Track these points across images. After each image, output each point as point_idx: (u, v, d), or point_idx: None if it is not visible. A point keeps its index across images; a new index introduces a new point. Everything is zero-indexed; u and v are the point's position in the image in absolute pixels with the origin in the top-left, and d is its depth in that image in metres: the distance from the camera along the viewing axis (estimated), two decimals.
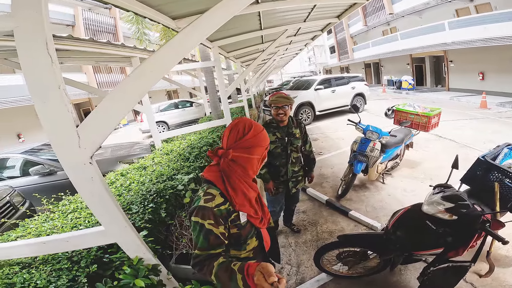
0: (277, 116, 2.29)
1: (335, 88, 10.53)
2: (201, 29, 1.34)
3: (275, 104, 2.26)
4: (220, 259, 0.94)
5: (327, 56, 35.35)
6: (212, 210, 0.97)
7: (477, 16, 11.86)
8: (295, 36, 6.35)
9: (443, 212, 1.60)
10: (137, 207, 2.12)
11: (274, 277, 0.78)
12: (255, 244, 1.13)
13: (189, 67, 4.88)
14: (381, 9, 19.51)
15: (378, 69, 23.88)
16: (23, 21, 1.06)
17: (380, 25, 21.10)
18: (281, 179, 2.50)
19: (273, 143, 2.34)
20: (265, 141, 1.08)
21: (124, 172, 3.15)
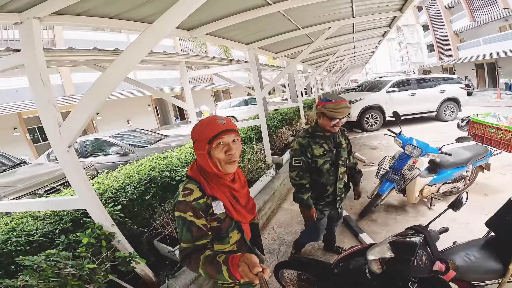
0: (332, 127, 1.85)
1: (416, 91, 8.99)
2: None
3: (335, 116, 1.78)
4: (206, 252, 0.97)
5: (423, 55, 30.64)
6: (190, 203, 1.00)
7: None
8: (355, 33, 5.80)
9: (377, 261, 1.27)
10: (129, 188, 2.47)
11: (258, 267, 0.80)
12: (238, 237, 1.15)
13: (230, 68, 5.14)
14: (493, 3, 16.73)
15: (494, 70, 19.11)
16: (27, 59, 1.57)
17: (494, 21, 17.79)
18: (326, 200, 2.08)
19: (320, 157, 1.94)
20: (203, 134, 1.03)
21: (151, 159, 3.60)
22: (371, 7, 3.99)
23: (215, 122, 1.03)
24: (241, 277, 0.83)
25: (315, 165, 1.95)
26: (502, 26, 18.06)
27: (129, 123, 16.44)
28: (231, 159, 1.03)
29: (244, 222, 1.16)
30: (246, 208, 1.17)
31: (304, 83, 8.97)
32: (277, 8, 2.88)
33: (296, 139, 2.00)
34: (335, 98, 1.82)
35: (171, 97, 4.90)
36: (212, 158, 1.03)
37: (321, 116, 1.88)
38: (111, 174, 3.13)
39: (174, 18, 1.54)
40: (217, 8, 2.58)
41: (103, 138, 6.42)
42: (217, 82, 21.32)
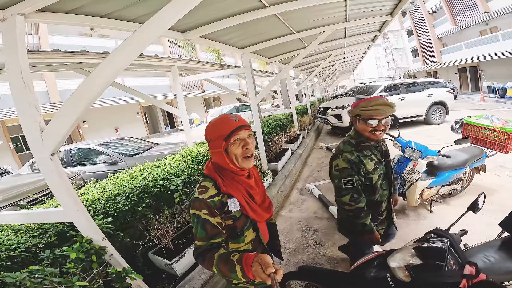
0: (373, 134, 1.52)
1: (405, 95, 9.15)
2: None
3: (370, 115, 1.48)
4: (221, 250, 0.97)
5: (408, 60, 31.54)
6: (205, 201, 1.01)
7: None
8: (346, 38, 5.84)
9: (403, 268, 1.17)
10: (120, 199, 2.32)
11: (271, 268, 0.80)
12: (253, 236, 1.14)
13: (224, 73, 5.05)
14: (474, 7, 16.99)
15: (476, 74, 19.82)
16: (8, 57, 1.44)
17: (475, 25, 18.26)
18: (380, 218, 1.76)
19: (374, 172, 1.61)
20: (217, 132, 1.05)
21: (142, 168, 3.44)
22: (363, 12, 4.01)
23: (228, 120, 1.06)
24: (254, 277, 0.83)
25: (370, 183, 1.61)
26: (482, 30, 18.48)
27: (118, 132, 16.05)
28: (248, 153, 1.06)
29: (260, 221, 1.16)
30: (262, 206, 1.18)
31: (296, 89, 8.97)
32: (273, 11, 2.83)
33: (339, 155, 1.61)
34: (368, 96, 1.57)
35: (164, 104, 4.77)
36: (229, 155, 1.05)
37: (357, 121, 1.56)
38: (100, 184, 2.96)
39: (167, 18, 1.44)
40: (213, 10, 2.50)
41: (90, 146, 6.19)
42: (207, 90, 21.22)
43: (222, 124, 1.06)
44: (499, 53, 14.78)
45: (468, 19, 18.14)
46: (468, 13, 17.95)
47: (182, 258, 2.20)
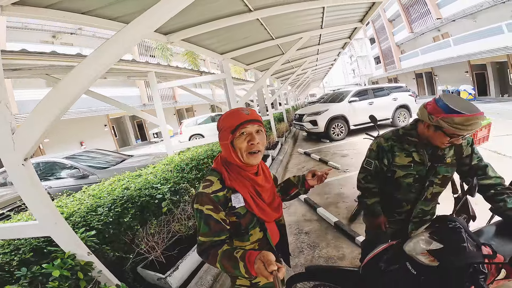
0: (442, 143, 1.32)
1: (373, 100, 9.71)
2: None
3: (458, 133, 1.22)
4: (224, 246, 0.95)
5: (372, 67, 33.64)
6: (209, 195, 0.98)
7: None
8: (320, 45, 6.08)
9: (426, 254, 1.19)
10: (102, 210, 2.14)
11: (273, 266, 0.78)
12: (260, 236, 1.10)
13: (203, 80, 4.98)
14: (427, 14, 18.14)
15: (432, 79, 21.68)
16: None
17: (429, 31, 19.56)
18: (396, 217, 1.64)
19: (403, 168, 1.47)
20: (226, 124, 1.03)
21: (122, 178, 3.24)
22: (337, 18, 4.21)
23: (238, 112, 1.03)
24: (256, 274, 0.82)
25: (391, 175, 1.52)
26: (435, 36, 19.55)
27: (83, 146, 14.99)
28: (253, 149, 1.02)
29: (268, 220, 1.11)
30: (271, 206, 1.13)
31: (271, 97, 9.09)
32: (257, 16, 2.86)
33: (377, 138, 1.58)
34: (470, 110, 1.18)
35: (144, 113, 4.55)
36: (234, 148, 1.02)
37: (431, 128, 1.32)
38: (74, 196, 2.71)
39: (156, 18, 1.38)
40: (199, 12, 2.46)
41: (55, 160, 5.72)
42: (180, 100, 20.69)
43: (232, 116, 1.03)
44: (451, 58, 15.97)
45: (423, 26, 19.35)
46: (423, 20, 19.16)
47: (176, 271, 2.06)
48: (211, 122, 13.71)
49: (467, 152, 1.46)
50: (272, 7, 2.80)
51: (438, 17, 16.96)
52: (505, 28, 11.66)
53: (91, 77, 1.33)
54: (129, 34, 1.36)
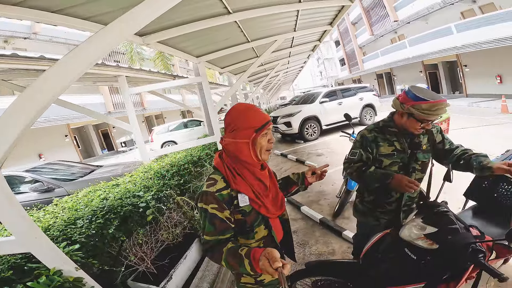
0: (415, 129, 1.49)
1: (342, 100, 10.19)
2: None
3: (427, 118, 1.41)
4: (229, 244, 0.95)
5: (337, 69, 35.21)
6: (213, 194, 0.98)
7: (483, 17, 11.41)
8: (292, 47, 6.23)
9: (423, 238, 1.26)
10: (82, 222, 1.99)
11: (278, 263, 0.79)
12: (264, 234, 1.11)
13: (178, 83, 4.84)
14: (386, 17, 19.22)
15: (391, 79, 23.26)
16: None
17: (387, 33, 20.73)
18: (387, 208, 1.70)
19: (388, 157, 1.58)
20: (248, 122, 1.02)
21: (97, 188, 3.03)
22: (309, 21, 4.35)
23: (260, 112, 1.05)
24: (261, 271, 0.83)
25: (379, 165, 1.61)
26: (393, 38, 20.60)
27: (42, 158, 13.73)
28: (271, 146, 1.07)
29: (272, 216, 1.13)
30: (275, 201, 1.16)
31: (246, 101, 9.11)
32: (235, 18, 2.85)
33: (361, 131, 1.68)
34: (433, 97, 1.39)
35: (116, 120, 4.31)
36: (255, 146, 1.03)
37: (404, 116, 1.50)
38: (46, 210, 2.49)
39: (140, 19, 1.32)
40: (177, 13, 2.38)
41: (14, 173, 5.25)
42: (149, 107, 19.84)
43: (255, 114, 1.04)
44: (407, 59, 17.12)
45: (382, 28, 20.47)
46: (382, 23, 20.26)
47: (170, 281, 1.96)
48: (184, 128, 13.35)
49: (439, 138, 1.66)
50: (250, 10, 2.81)
51: (395, 19, 17.95)
52: (454, 29, 12.74)
53: (64, 82, 1.22)
54: (109, 36, 1.28)
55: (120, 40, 1.38)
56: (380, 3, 19.01)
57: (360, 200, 1.84)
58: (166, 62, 9.65)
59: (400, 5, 17.23)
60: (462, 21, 12.56)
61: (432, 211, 1.36)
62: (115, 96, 16.92)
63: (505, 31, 10.10)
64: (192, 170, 3.67)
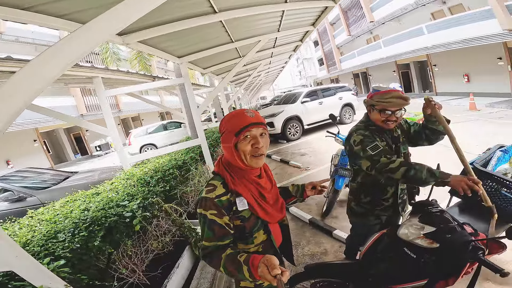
0: (385, 123, 1.58)
1: (322, 100, 10.37)
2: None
3: (387, 107, 1.53)
4: (228, 250, 0.95)
5: (316, 69, 35.86)
6: (212, 200, 0.97)
7: (452, 18, 11.95)
8: (274, 48, 6.22)
9: (422, 237, 1.28)
10: (64, 236, 1.84)
11: (277, 270, 0.79)
12: (264, 238, 1.10)
13: (159, 85, 4.66)
14: (362, 18, 19.69)
15: (367, 78, 24.10)
16: None
17: (364, 34, 21.30)
18: (385, 204, 1.73)
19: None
20: (231, 126, 1.01)
21: (75, 199, 2.83)
22: (293, 22, 4.36)
23: (243, 115, 1.01)
24: (260, 278, 0.83)
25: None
26: (368, 38, 21.09)
27: (10, 165, 12.75)
28: (257, 152, 1.01)
29: (272, 221, 1.11)
30: (275, 207, 1.13)
31: (228, 102, 9.00)
32: (221, 17, 2.77)
33: (353, 133, 1.66)
34: (384, 88, 1.62)
35: (92, 124, 4.05)
36: (238, 151, 1.01)
37: (370, 110, 1.65)
38: (21, 222, 2.28)
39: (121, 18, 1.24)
40: (160, 12, 2.26)
41: None
42: (125, 109, 19.05)
43: (236, 118, 1.02)
44: (382, 59, 17.73)
45: (359, 29, 20.98)
46: (359, 24, 20.74)
47: None
48: (164, 131, 12.98)
49: (407, 127, 1.79)
50: (236, 9, 2.75)
51: (371, 20, 18.45)
52: (425, 29, 13.35)
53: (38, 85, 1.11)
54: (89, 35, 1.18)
55: (101, 40, 1.29)
56: (358, 4, 19.43)
57: (357, 203, 1.83)
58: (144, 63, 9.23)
59: (376, 6, 17.70)
60: (433, 22, 13.15)
61: (427, 210, 1.38)
62: (88, 98, 16.09)
63: (472, 32, 10.73)
64: (177, 175, 3.54)
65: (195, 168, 3.83)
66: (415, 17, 14.74)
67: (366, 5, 18.36)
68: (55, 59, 1.12)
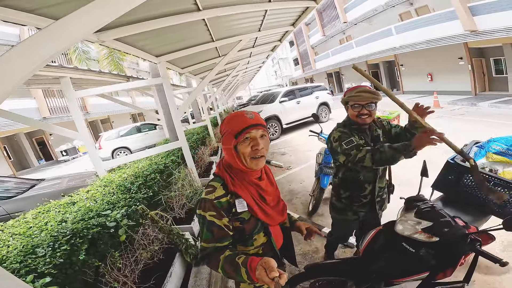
0: (359, 118, 1.66)
1: (300, 99, 10.54)
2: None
3: (356, 101, 1.63)
4: (226, 252, 0.94)
5: (291, 69, 36.42)
6: (212, 202, 0.98)
7: (418, 19, 12.65)
8: (254, 47, 6.19)
9: (421, 232, 1.32)
10: (44, 251, 1.67)
11: (275, 272, 0.79)
12: (264, 240, 1.09)
13: (134, 85, 4.41)
14: (336, 18, 20.25)
15: (339, 77, 24.92)
16: None
17: (337, 34, 21.92)
18: (363, 201, 1.83)
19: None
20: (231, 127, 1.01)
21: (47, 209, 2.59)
22: (274, 21, 4.35)
23: (243, 117, 1.01)
24: (258, 280, 0.83)
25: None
26: (341, 39, 21.81)
27: None
28: (257, 154, 1.01)
29: (272, 224, 1.11)
30: (276, 209, 1.13)
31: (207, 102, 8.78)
32: (204, 15, 2.67)
33: (333, 132, 1.77)
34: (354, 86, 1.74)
35: (60, 128, 3.73)
36: (238, 153, 1.01)
37: (347, 108, 1.75)
38: None
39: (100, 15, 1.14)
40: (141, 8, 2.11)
41: None
42: (93, 111, 17.93)
43: (236, 120, 1.02)
44: (354, 59, 18.48)
45: (333, 29, 21.62)
46: (333, 24, 21.32)
47: None
48: (137, 133, 12.42)
49: (388, 128, 1.85)
50: (221, 7, 2.66)
51: (345, 21, 19.04)
52: (394, 30, 14.08)
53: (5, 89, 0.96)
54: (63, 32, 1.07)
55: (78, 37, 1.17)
56: (332, 4, 19.92)
57: (337, 198, 1.94)
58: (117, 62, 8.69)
59: (349, 7, 18.26)
60: (401, 23, 13.88)
61: (420, 205, 1.43)
62: (51, 99, 14.98)
63: (437, 33, 11.49)
64: (159, 180, 3.37)
65: (178, 172, 3.68)
66: (385, 18, 15.45)
67: (340, 6, 18.88)
68: (22, 58, 0.98)
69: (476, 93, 11.74)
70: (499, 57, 10.74)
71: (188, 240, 2.31)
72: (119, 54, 8.94)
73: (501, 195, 1.28)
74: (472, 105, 9.97)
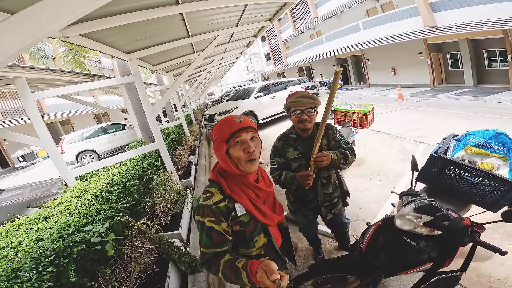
0: (300, 123, 1.67)
1: (275, 94, 10.56)
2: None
3: (296, 107, 1.65)
4: (226, 256, 0.95)
5: (263, 64, 36.45)
6: (210, 207, 0.98)
7: (383, 15, 13.26)
8: (229, 43, 6.03)
9: (422, 226, 1.35)
10: (28, 274, 1.50)
11: (276, 275, 0.79)
12: (265, 241, 1.11)
13: (101, 85, 4.05)
14: (308, 14, 20.52)
15: (310, 72, 25.47)
16: None
17: (308, 30, 22.29)
18: (309, 206, 1.90)
19: (294, 160, 1.76)
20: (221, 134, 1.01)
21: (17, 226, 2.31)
22: (252, 16, 4.25)
23: (231, 121, 1.02)
24: (259, 283, 0.83)
25: (290, 168, 1.80)
26: (312, 34, 22.08)
27: None
28: (250, 157, 1.01)
29: (271, 224, 1.13)
30: (272, 209, 1.15)
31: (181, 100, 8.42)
32: (183, 9, 2.50)
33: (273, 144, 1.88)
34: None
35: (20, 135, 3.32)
36: (231, 158, 1.01)
37: (289, 116, 1.76)
38: None
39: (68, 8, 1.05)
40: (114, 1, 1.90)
41: None
42: (50, 112, 16.39)
43: (225, 126, 1.02)
44: (324, 53, 19.00)
45: (304, 25, 21.87)
46: (304, 19, 21.56)
47: None
48: (104, 134, 11.59)
49: (333, 139, 1.82)
50: (201, 1, 2.50)
51: (316, 16, 19.29)
52: (361, 26, 14.59)
53: None
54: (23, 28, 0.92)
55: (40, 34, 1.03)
56: (304, 0, 20.03)
57: (289, 202, 2.03)
58: (79, 60, 7.91)
59: (320, 3, 18.52)
60: (368, 19, 14.44)
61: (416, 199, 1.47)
62: (3, 101, 13.47)
63: (399, 29, 12.12)
64: (139, 186, 3.15)
65: (158, 176, 3.47)
66: (353, 14, 15.94)
67: (311, 1, 19.06)
68: None
69: (434, 86, 12.66)
70: (455, 51, 11.63)
71: (180, 248, 2.18)
72: (80, 51, 8.19)
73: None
74: (431, 97, 10.73)
